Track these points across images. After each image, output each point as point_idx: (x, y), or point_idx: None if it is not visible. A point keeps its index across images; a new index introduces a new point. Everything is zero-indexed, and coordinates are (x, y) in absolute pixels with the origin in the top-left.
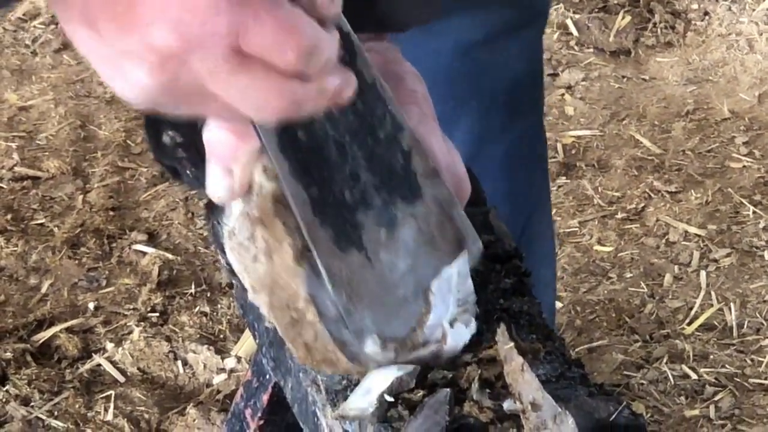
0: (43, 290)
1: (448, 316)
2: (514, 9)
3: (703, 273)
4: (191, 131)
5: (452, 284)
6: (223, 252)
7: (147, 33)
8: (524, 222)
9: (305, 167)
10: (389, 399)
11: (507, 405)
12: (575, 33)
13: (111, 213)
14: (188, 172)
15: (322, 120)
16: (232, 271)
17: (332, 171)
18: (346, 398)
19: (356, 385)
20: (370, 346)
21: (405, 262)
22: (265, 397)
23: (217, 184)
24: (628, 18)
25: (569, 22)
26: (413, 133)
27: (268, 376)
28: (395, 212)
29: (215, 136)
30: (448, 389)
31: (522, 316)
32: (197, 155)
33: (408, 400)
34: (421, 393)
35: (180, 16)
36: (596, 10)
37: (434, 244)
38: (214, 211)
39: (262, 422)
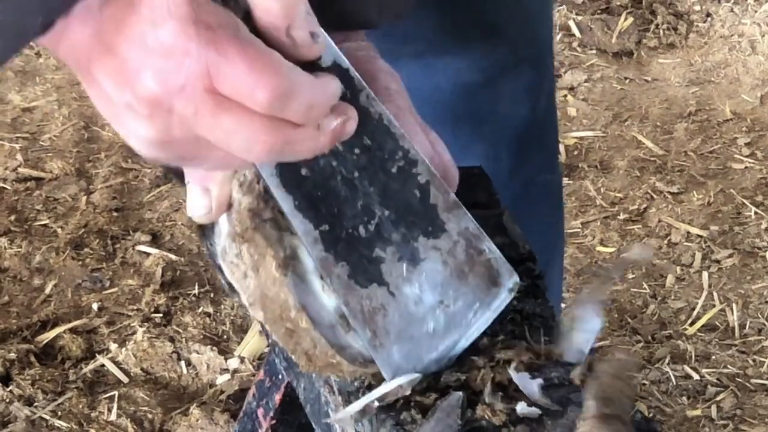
0: (47, 291)
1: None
2: (508, 50)
3: (705, 274)
4: None
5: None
6: (221, 271)
7: (136, 84)
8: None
9: (312, 203)
10: (376, 404)
11: (520, 408)
12: (578, 34)
13: (114, 214)
14: None
15: (327, 156)
16: (232, 289)
17: (342, 207)
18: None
19: (368, 387)
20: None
21: (433, 296)
22: (277, 397)
23: (196, 205)
24: (631, 19)
25: (572, 23)
26: (430, 167)
27: (280, 376)
28: (416, 246)
29: None
30: (461, 392)
31: (535, 318)
32: None
33: (420, 403)
34: (433, 396)
35: (159, 62)
36: (599, 11)
37: (464, 278)
38: (205, 232)
39: (274, 422)
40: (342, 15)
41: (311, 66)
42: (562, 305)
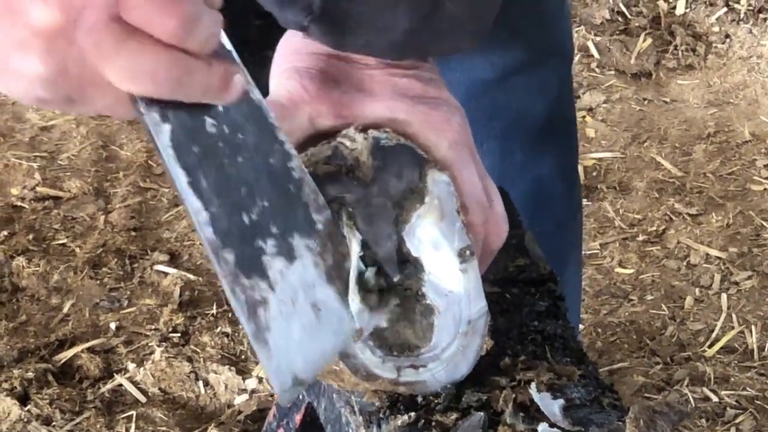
0: (65, 310)
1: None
2: (521, 50)
3: (724, 296)
4: None
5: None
6: None
7: (28, 16)
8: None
9: (203, 183)
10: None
11: (541, 429)
12: (596, 55)
13: (132, 233)
14: None
15: (215, 136)
16: None
17: (230, 192)
18: (380, 420)
19: (389, 407)
20: (292, 390)
21: (306, 297)
22: (298, 417)
23: None
24: (649, 41)
25: (590, 44)
26: (302, 164)
27: (301, 396)
28: (292, 242)
29: None
30: (482, 413)
31: (556, 339)
32: None
33: (441, 423)
34: (454, 416)
35: None
36: (617, 32)
37: (332, 283)
38: None
39: None
40: (438, 45)
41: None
42: (579, 326)
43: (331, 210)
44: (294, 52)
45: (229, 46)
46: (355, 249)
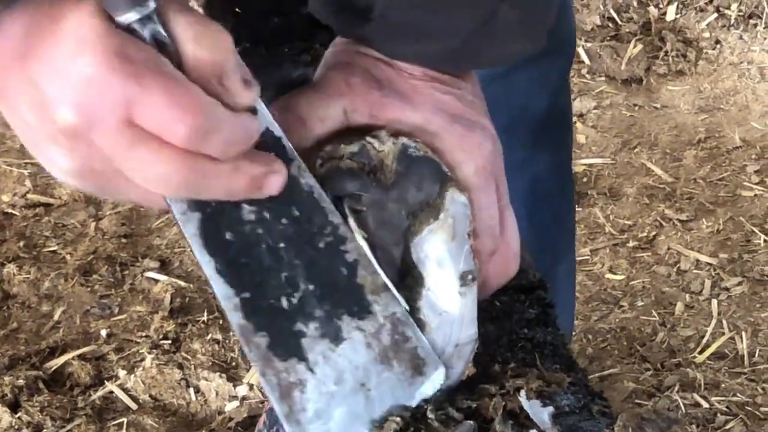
0: (56, 317)
1: None
2: None
3: (714, 302)
4: None
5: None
6: None
7: (56, 116)
8: (549, 264)
9: (234, 270)
10: None
11: None
12: (587, 61)
13: (123, 240)
14: None
15: (252, 223)
16: None
17: (266, 277)
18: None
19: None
20: None
21: (354, 378)
22: None
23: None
24: (640, 46)
25: (581, 50)
26: (360, 247)
27: None
28: (340, 324)
29: None
30: (472, 421)
31: (546, 346)
32: None
33: (434, 430)
34: (444, 425)
35: (78, 94)
36: (608, 38)
37: (388, 364)
38: None
39: None
40: (493, 52)
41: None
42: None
43: (344, 207)
44: (343, 51)
45: (278, 132)
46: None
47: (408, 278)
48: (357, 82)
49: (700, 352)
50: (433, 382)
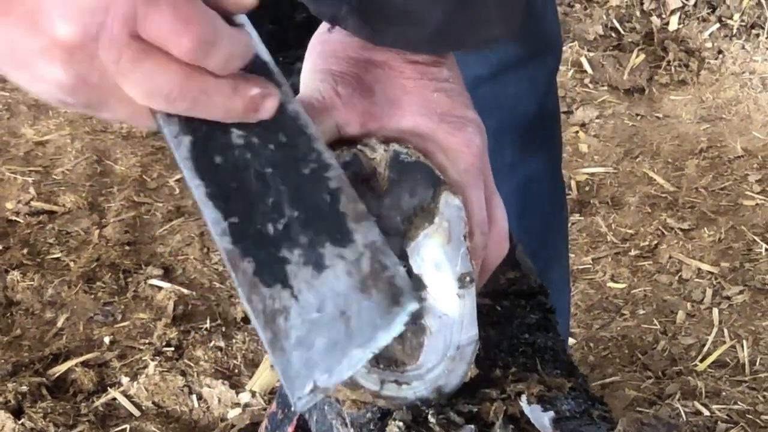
0: (59, 324)
1: None
2: (516, 43)
3: (715, 310)
4: None
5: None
6: None
7: (52, 28)
8: (540, 268)
9: (223, 194)
10: None
11: None
12: (589, 71)
13: (127, 248)
14: None
15: (241, 147)
16: None
17: (253, 202)
18: None
19: (380, 418)
20: (308, 398)
21: (334, 305)
22: (290, 429)
23: None
24: (642, 56)
25: (583, 60)
26: (342, 174)
27: (293, 409)
28: (322, 252)
29: None
30: (473, 426)
31: (547, 351)
32: None
33: None
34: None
35: (80, 6)
36: (610, 48)
37: (368, 292)
38: None
39: None
40: (459, 34)
41: (229, 21)
42: (571, 341)
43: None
44: (332, 55)
45: (267, 57)
46: None
47: None
48: (347, 94)
49: (701, 361)
50: (407, 313)
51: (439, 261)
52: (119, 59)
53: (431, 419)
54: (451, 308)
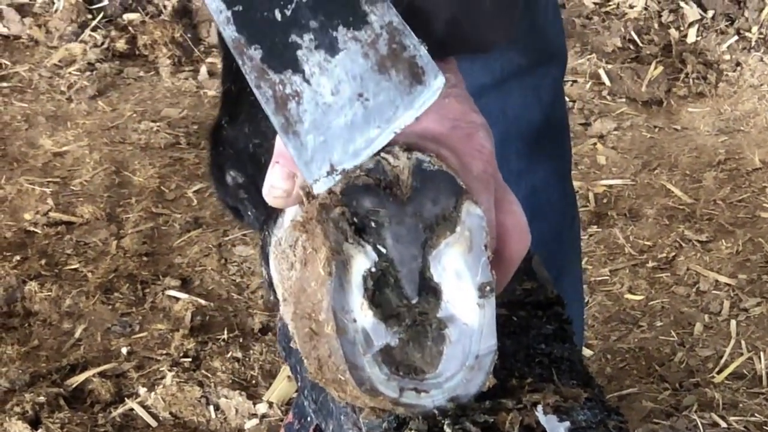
0: (77, 335)
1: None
2: (519, 54)
3: (733, 322)
4: (254, 172)
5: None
6: (267, 263)
7: None
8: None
9: None
10: None
11: None
12: (607, 83)
13: (144, 258)
14: (249, 213)
15: None
16: (270, 283)
17: None
18: None
19: (396, 429)
20: (326, 180)
21: (351, 88)
22: None
23: (276, 185)
24: (660, 68)
25: (602, 72)
26: None
27: (309, 419)
28: (335, 35)
29: None
30: None
31: (563, 361)
32: (258, 196)
33: None
34: None
35: None
36: (629, 60)
37: (386, 73)
38: (267, 222)
39: None
40: (458, 41)
41: None
42: (589, 352)
43: (362, 223)
44: None
45: None
46: (364, 264)
47: (427, 291)
48: None
49: (719, 372)
50: (432, 91)
51: (460, 270)
52: None
53: (447, 429)
54: (470, 317)
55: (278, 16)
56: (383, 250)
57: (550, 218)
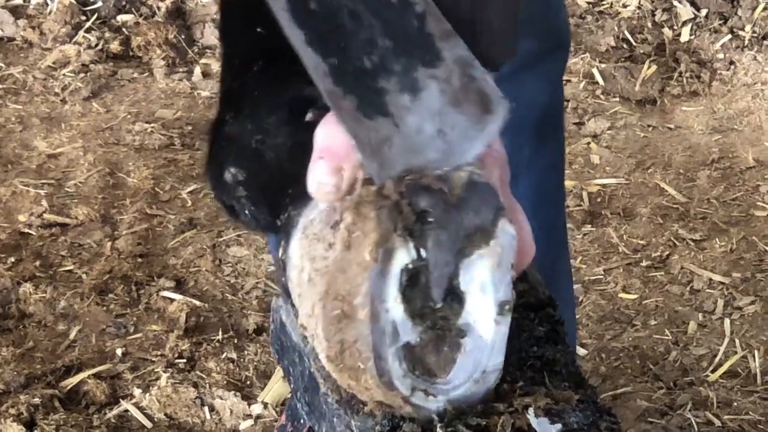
0: (72, 336)
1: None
2: (534, 40)
3: (727, 321)
4: (256, 168)
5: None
6: (287, 241)
7: None
8: (550, 262)
9: (321, 37)
10: None
11: None
12: (601, 82)
13: (139, 260)
14: (247, 211)
15: None
16: (284, 265)
17: (348, 39)
18: None
19: (389, 431)
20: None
21: (432, 125)
22: None
23: (324, 181)
24: (654, 67)
25: (595, 71)
26: None
27: (302, 421)
28: (416, 75)
29: (333, 134)
30: None
31: (555, 363)
32: (258, 193)
33: None
34: None
35: None
36: (622, 59)
37: (460, 106)
38: (295, 203)
39: None
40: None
41: None
42: (583, 351)
43: (412, 219)
44: None
45: None
46: (405, 259)
47: (452, 298)
48: None
49: (713, 371)
50: (499, 117)
51: (485, 283)
52: None
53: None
54: (487, 331)
55: (367, 64)
56: (422, 251)
57: (551, 202)
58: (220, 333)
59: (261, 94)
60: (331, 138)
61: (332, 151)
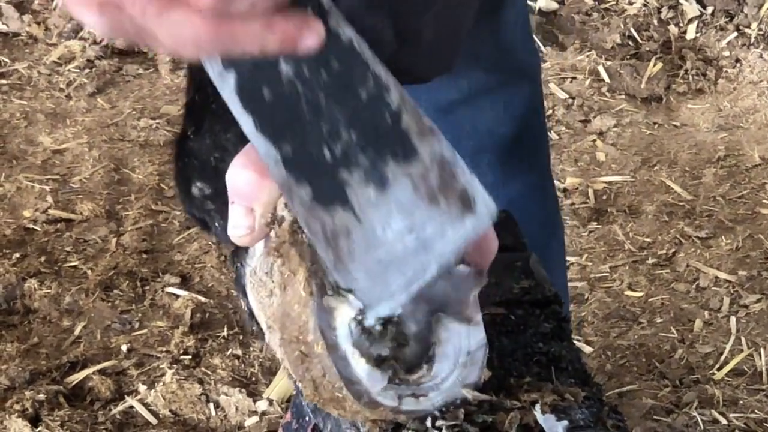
0: (77, 332)
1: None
2: (485, 72)
3: (733, 319)
4: (220, 183)
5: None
6: (244, 294)
7: None
8: None
9: (274, 125)
10: None
11: None
12: (607, 79)
13: (144, 256)
14: (216, 224)
15: (291, 78)
16: (251, 314)
17: (307, 130)
18: None
19: (394, 429)
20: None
21: (402, 222)
22: None
23: (239, 224)
24: (660, 65)
25: (601, 68)
26: (404, 92)
27: (307, 418)
28: (385, 170)
29: (238, 176)
30: None
31: (561, 360)
32: (224, 207)
33: None
34: None
35: None
36: (628, 56)
37: (436, 204)
38: (237, 253)
39: None
40: (398, 72)
41: None
42: (588, 349)
43: None
44: None
45: None
46: (348, 314)
47: None
48: None
49: (719, 369)
50: (482, 217)
51: None
52: (144, 13)
53: (445, 430)
54: None
55: (327, 155)
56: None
57: (528, 229)
58: (226, 329)
59: (218, 108)
60: (236, 180)
61: (239, 193)
